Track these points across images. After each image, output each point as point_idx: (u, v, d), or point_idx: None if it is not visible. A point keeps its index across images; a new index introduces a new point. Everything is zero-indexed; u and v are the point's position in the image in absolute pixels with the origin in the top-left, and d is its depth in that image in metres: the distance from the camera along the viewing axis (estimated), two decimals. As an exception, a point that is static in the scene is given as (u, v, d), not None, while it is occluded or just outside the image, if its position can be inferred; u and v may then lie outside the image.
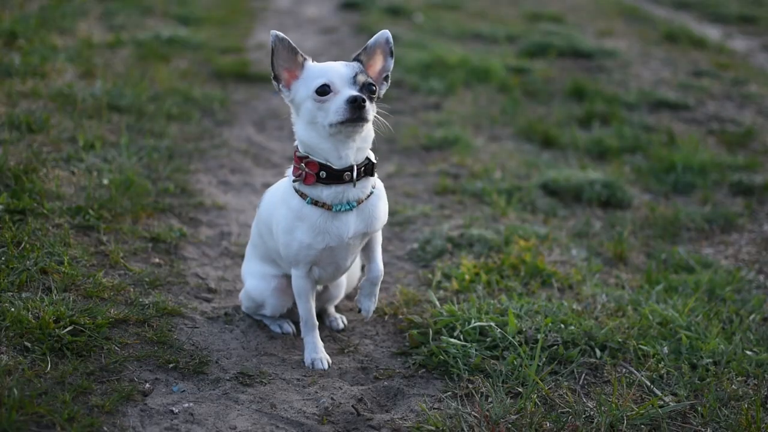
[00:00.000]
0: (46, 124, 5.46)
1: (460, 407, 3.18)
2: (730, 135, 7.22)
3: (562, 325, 3.72)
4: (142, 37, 8.57)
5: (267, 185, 5.60)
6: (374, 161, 3.33)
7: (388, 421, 3.14)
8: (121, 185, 4.73)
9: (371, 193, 3.35)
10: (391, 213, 5.24)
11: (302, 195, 3.27)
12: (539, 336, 3.59)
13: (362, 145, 3.26)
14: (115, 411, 3.00)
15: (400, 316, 3.92)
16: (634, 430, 3.10)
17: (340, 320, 3.89)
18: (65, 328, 3.31)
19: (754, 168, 6.44)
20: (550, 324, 3.71)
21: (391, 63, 3.31)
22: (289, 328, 3.78)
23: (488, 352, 3.57)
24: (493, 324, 3.65)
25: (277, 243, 3.43)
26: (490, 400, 3.21)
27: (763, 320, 4.12)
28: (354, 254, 3.48)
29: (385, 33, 3.29)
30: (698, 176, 6.15)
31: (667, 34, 11.46)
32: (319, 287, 3.74)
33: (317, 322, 3.56)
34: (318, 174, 3.22)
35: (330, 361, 3.52)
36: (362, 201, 3.31)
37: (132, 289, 3.84)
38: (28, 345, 3.20)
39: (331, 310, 3.93)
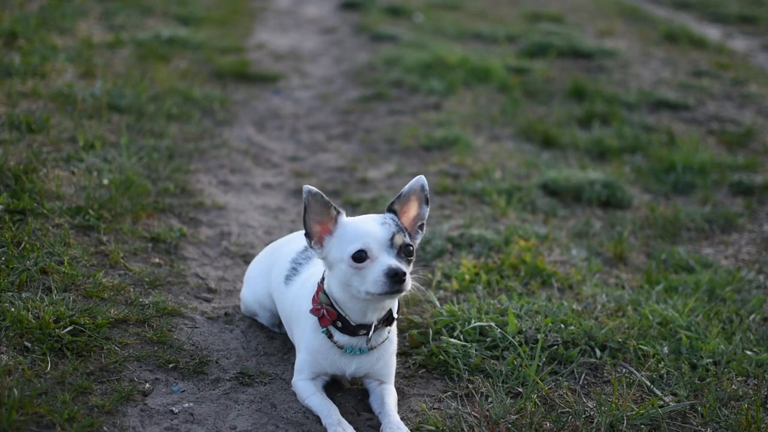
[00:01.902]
0: (46, 124, 5.46)
1: (460, 407, 3.18)
2: (730, 135, 7.22)
3: (562, 325, 3.72)
4: (142, 37, 8.57)
5: (267, 185, 5.61)
6: (395, 316, 3.19)
7: (388, 421, 3.14)
8: (121, 185, 4.73)
9: (386, 338, 3.21)
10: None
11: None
12: (539, 336, 3.59)
13: (389, 305, 3.13)
14: (115, 411, 3.00)
15: (400, 316, 3.92)
16: (634, 430, 3.10)
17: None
18: (65, 328, 3.31)
19: (754, 168, 6.44)
20: (550, 324, 3.71)
21: (427, 211, 3.14)
22: (277, 329, 3.75)
23: (488, 352, 3.57)
24: (493, 324, 3.65)
25: (295, 330, 3.36)
26: (490, 400, 3.21)
27: (763, 320, 4.12)
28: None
29: (421, 179, 3.12)
30: (698, 176, 6.15)
31: (667, 34, 11.47)
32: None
33: (335, 407, 3.13)
34: (334, 322, 3.11)
35: None
36: (374, 348, 3.18)
37: (132, 289, 3.83)
38: (28, 345, 3.20)
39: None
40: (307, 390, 3.20)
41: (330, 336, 3.15)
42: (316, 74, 8.82)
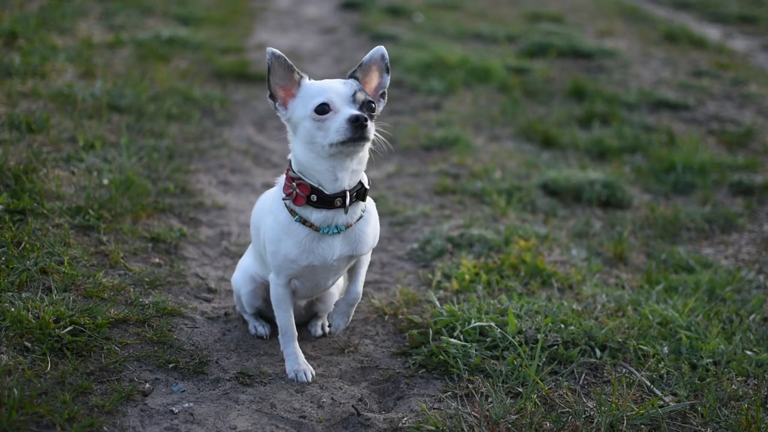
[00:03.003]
0: (46, 124, 5.46)
1: (460, 407, 3.18)
2: (730, 135, 7.22)
3: (562, 325, 3.72)
4: (142, 37, 8.57)
5: (267, 185, 5.61)
6: (367, 186, 3.26)
7: (388, 420, 3.14)
8: (121, 185, 4.73)
9: (360, 216, 3.28)
10: (392, 213, 5.25)
11: (291, 211, 3.20)
12: (539, 336, 3.59)
13: (358, 167, 3.18)
14: (115, 411, 3.00)
15: (400, 316, 3.92)
16: (634, 430, 3.10)
17: (320, 327, 3.80)
18: (65, 328, 3.31)
19: (754, 168, 6.44)
20: (550, 324, 3.71)
21: (388, 79, 3.24)
22: (262, 330, 3.72)
23: (488, 352, 3.57)
24: (493, 324, 3.65)
25: (263, 249, 3.40)
26: (490, 400, 3.21)
27: (763, 320, 4.12)
28: (337, 275, 3.42)
29: (380, 49, 3.21)
30: (698, 176, 6.15)
31: (667, 34, 11.47)
32: (302, 302, 3.72)
33: (296, 332, 3.45)
34: (309, 197, 3.15)
35: (314, 373, 3.42)
36: (351, 225, 3.24)
37: (132, 289, 3.84)
38: (28, 345, 3.20)
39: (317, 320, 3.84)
40: (281, 297, 3.35)
41: (304, 222, 3.18)
42: (316, 74, 8.78)
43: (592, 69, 9.35)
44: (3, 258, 3.74)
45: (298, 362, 3.41)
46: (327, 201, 3.14)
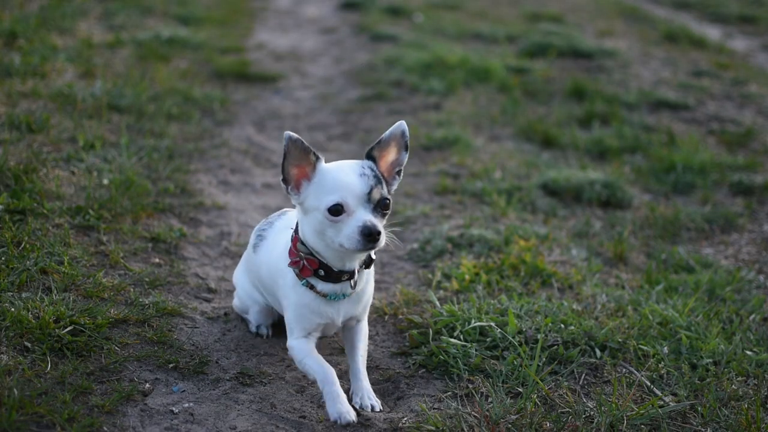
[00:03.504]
0: (46, 124, 5.46)
1: (460, 407, 3.18)
2: (730, 135, 7.22)
3: (562, 325, 3.72)
4: (142, 37, 8.57)
5: (267, 185, 5.61)
6: (373, 257, 3.19)
7: (388, 420, 3.14)
8: (121, 185, 4.73)
9: (366, 280, 3.25)
10: (391, 213, 5.25)
11: (297, 275, 3.15)
12: (539, 336, 3.59)
13: (365, 255, 3.13)
14: (115, 411, 3.00)
15: (400, 316, 3.92)
16: (634, 430, 3.10)
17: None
18: (65, 328, 3.31)
19: (754, 168, 6.44)
20: (550, 324, 3.71)
21: (405, 157, 3.12)
22: (264, 330, 3.70)
23: (488, 352, 3.56)
24: (493, 324, 3.65)
25: (277, 293, 3.33)
26: (490, 400, 3.21)
27: (763, 320, 4.12)
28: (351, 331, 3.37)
29: (401, 125, 3.10)
30: (698, 176, 6.15)
31: (667, 34, 11.46)
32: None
33: (333, 371, 3.16)
34: (316, 271, 3.10)
35: (356, 415, 3.08)
36: (356, 291, 3.21)
37: (132, 289, 3.83)
38: (28, 345, 3.20)
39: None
40: (303, 350, 3.21)
41: (311, 287, 3.14)
42: (316, 74, 8.82)
43: (592, 69, 9.35)
44: (3, 258, 3.74)
45: (341, 402, 3.07)
46: (334, 277, 3.11)
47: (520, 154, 6.55)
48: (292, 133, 2.97)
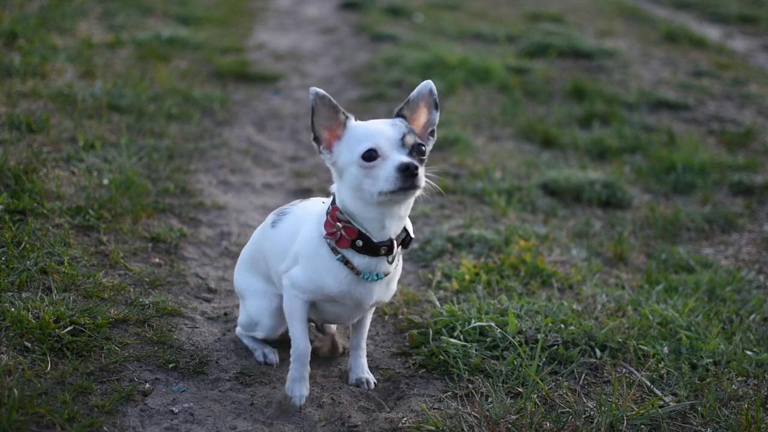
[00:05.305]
0: (46, 124, 5.46)
1: (460, 407, 3.18)
2: (730, 135, 7.22)
3: (562, 325, 3.72)
4: (142, 37, 8.57)
5: (267, 185, 5.61)
6: (412, 235, 3.11)
7: (389, 420, 3.14)
8: (121, 185, 4.73)
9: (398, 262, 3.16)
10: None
11: (333, 249, 3.02)
12: (539, 336, 3.59)
13: (405, 212, 3.02)
14: (115, 411, 3.00)
15: (400, 316, 3.92)
16: (634, 430, 3.10)
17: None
18: (65, 328, 3.31)
19: (754, 168, 6.44)
20: (550, 324, 3.71)
21: (437, 116, 3.06)
22: (273, 358, 3.48)
23: (488, 352, 3.56)
24: (493, 324, 3.65)
25: (293, 264, 3.17)
26: (490, 400, 3.21)
27: (763, 320, 4.12)
28: (360, 316, 3.29)
29: (428, 84, 3.06)
30: (698, 176, 6.16)
31: (667, 34, 11.47)
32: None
33: (310, 348, 3.22)
34: (354, 241, 2.97)
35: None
36: (389, 273, 3.11)
37: (132, 289, 3.83)
38: (28, 345, 3.20)
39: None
40: (300, 310, 3.14)
41: (346, 262, 3.01)
42: (316, 74, 8.81)
43: (592, 69, 9.35)
44: (3, 258, 3.74)
45: (302, 385, 3.18)
46: (373, 248, 2.99)
47: (520, 154, 6.55)
48: (318, 89, 2.92)
